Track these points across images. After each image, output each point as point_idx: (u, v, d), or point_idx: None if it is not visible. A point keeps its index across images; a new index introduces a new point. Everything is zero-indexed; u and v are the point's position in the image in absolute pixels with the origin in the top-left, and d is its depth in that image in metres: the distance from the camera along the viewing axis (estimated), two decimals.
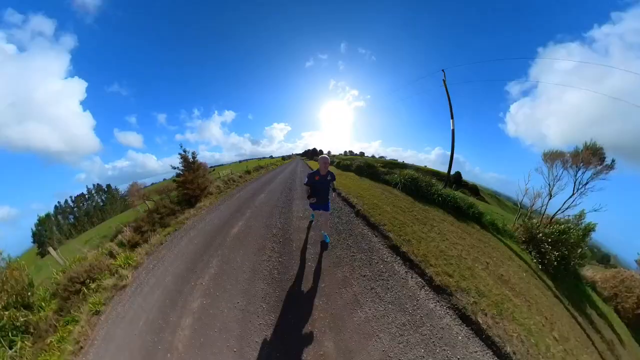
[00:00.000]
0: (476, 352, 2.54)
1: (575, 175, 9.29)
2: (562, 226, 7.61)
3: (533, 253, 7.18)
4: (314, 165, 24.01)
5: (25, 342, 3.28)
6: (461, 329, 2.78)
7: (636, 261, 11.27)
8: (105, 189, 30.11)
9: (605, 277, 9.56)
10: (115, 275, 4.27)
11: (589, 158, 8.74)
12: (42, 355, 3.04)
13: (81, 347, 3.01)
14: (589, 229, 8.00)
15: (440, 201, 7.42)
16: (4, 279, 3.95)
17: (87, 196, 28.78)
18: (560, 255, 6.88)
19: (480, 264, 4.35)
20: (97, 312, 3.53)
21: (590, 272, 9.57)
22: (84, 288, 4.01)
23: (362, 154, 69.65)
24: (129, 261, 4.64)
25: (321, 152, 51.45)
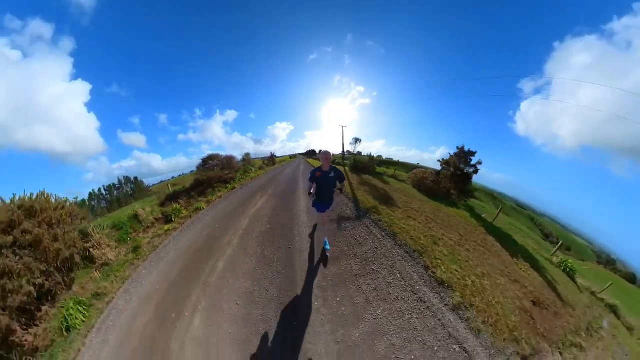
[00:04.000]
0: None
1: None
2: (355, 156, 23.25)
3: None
4: (312, 162, 34.63)
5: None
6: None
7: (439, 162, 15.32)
8: (133, 180, 35.76)
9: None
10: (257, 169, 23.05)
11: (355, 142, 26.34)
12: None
13: (234, 188, 21.06)
14: (375, 158, 19.04)
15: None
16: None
17: (117, 185, 33.77)
18: (353, 164, 16.93)
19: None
20: (260, 173, 22.11)
21: (391, 171, 17.18)
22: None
23: (359, 153, 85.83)
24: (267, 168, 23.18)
25: (321, 151, 63.57)
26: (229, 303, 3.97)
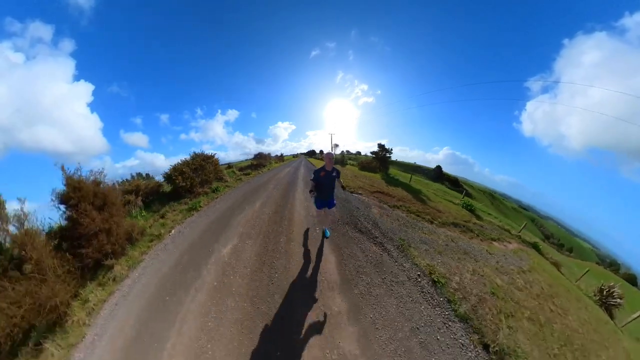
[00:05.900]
0: None
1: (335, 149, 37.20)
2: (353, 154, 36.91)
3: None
4: (313, 161, 39.42)
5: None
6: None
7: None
8: (145, 176, 43.85)
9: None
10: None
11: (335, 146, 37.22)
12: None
13: (269, 169, 30.15)
14: (346, 155, 34.18)
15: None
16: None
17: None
18: (343, 161, 31.77)
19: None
20: (277, 165, 31.80)
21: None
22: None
23: (358, 153, 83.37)
24: (279, 162, 33.22)
25: (321, 152, 62.99)
26: (275, 195, 12.31)
